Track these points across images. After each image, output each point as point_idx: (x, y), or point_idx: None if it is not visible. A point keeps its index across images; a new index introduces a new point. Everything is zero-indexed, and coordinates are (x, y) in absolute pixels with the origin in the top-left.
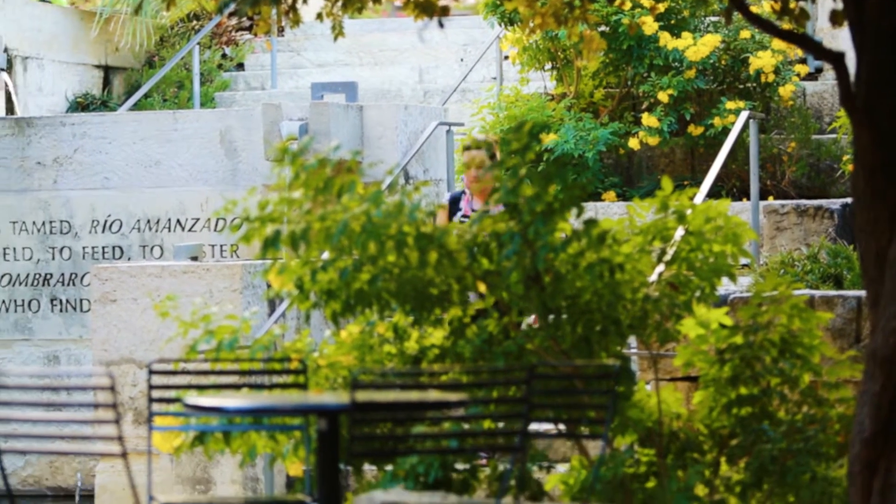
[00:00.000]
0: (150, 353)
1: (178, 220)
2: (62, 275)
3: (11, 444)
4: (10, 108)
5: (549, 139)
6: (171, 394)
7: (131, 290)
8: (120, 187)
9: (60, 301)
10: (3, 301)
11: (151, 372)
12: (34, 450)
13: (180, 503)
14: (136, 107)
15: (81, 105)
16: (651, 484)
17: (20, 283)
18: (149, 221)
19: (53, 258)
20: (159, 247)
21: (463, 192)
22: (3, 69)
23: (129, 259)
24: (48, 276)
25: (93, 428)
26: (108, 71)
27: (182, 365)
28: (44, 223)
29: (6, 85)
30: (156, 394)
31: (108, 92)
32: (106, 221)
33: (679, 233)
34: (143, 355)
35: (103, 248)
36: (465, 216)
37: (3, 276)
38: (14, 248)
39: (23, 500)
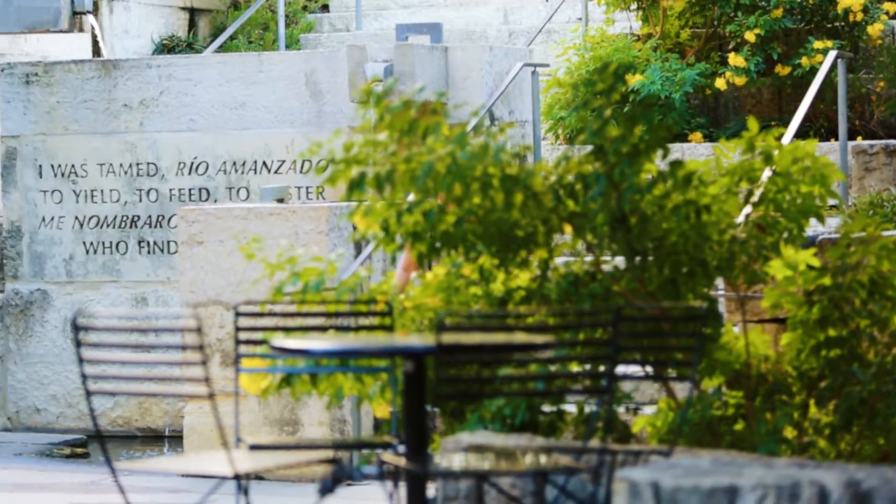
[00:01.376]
0: (237, 294)
1: (264, 162)
2: (149, 217)
3: (100, 386)
4: (96, 50)
5: (634, 80)
6: (258, 336)
7: (218, 232)
8: (206, 129)
9: (148, 243)
10: (92, 243)
11: (238, 314)
12: (123, 391)
13: (268, 444)
14: (222, 49)
15: (167, 47)
16: (739, 426)
17: (108, 226)
18: (234, 163)
19: (140, 200)
20: (245, 189)
21: None
22: (89, 11)
23: (215, 201)
24: (135, 219)
25: (181, 369)
26: (193, 13)
27: (268, 307)
28: (131, 165)
29: (92, 27)
30: (242, 336)
31: (193, 34)
32: (192, 163)
33: (766, 174)
34: (229, 297)
35: (190, 190)
36: None
37: (91, 219)
38: (101, 191)
39: (113, 440)
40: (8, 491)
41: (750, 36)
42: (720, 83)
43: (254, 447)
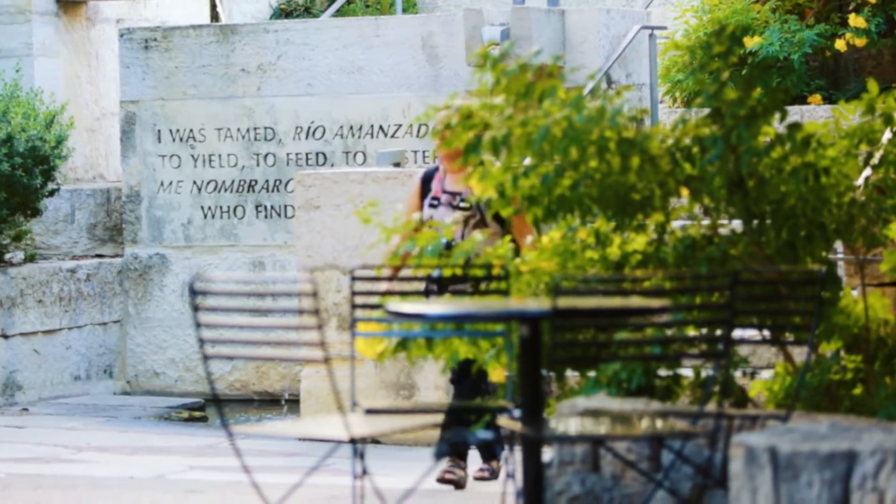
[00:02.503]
0: (353, 259)
1: (381, 127)
2: (266, 181)
3: (218, 350)
4: (214, 15)
5: (752, 42)
6: (374, 300)
7: (334, 196)
8: (323, 94)
9: (265, 207)
10: (210, 207)
11: (354, 278)
12: (240, 355)
13: (384, 408)
14: (339, 13)
15: (285, 12)
16: (858, 390)
17: (226, 190)
18: (351, 128)
19: (258, 165)
20: (362, 153)
21: (436, 170)
22: None
23: (332, 165)
24: (253, 183)
25: (297, 334)
26: None
27: (384, 271)
28: (248, 130)
29: None
30: (358, 300)
31: None
32: (309, 128)
33: (886, 136)
34: (346, 261)
35: (307, 154)
36: (434, 199)
37: (209, 183)
38: (219, 155)
39: (230, 404)
40: (127, 454)
41: None
42: (840, 44)
43: (370, 411)
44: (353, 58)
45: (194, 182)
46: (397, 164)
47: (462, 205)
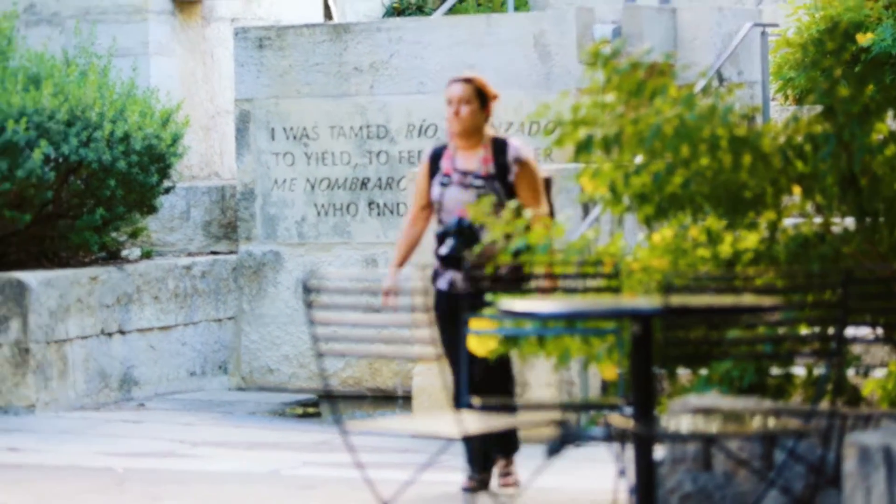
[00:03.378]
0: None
1: (492, 125)
2: (379, 179)
3: (331, 347)
4: (327, 14)
5: (865, 39)
6: (487, 297)
7: None
8: (435, 92)
9: (377, 205)
10: (323, 205)
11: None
12: (353, 352)
13: (495, 405)
14: (451, 11)
15: (397, 10)
16: None
17: (338, 187)
18: None
19: (370, 162)
20: None
21: (445, 147)
22: None
23: None
24: (365, 180)
25: (410, 331)
26: None
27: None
28: (361, 128)
29: None
30: None
31: None
32: (421, 126)
33: None
34: None
35: (419, 152)
36: (445, 177)
37: (322, 181)
38: (332, 153)
39: (343, 400)
40: (242, 449)
41: None
42: None
43: (481, 408)
44: (464, 56)
45: (307, 180)
46: None
47: (476, 183)
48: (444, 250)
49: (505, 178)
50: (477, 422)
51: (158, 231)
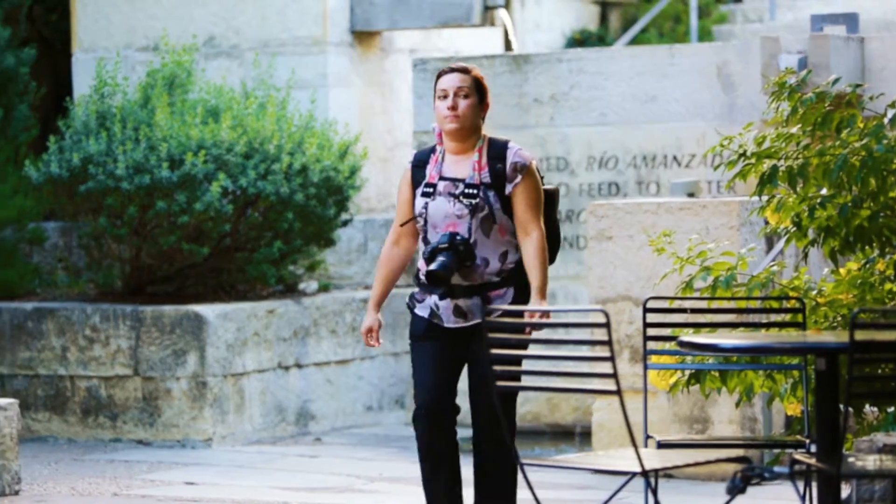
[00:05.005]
0: (646, 290)
1: (674, 156)
2: (559, 211)
3: (509, 381)
4: (507, 45)
5: None
6: (667, 331)
7: (627, 226)
8: (616, 123)
9: None
10: None
11: (647, 310)
12: (531, 387)
13: (677, 442)
14: (633, 42)
15: (578, 41)
16: None
17: None
18: (644, 158)
19: None
20: (655, 183)
21: (432, 151)
22: (501, 6)
23: (624, 196)
24: None
25: (589, 365)
26: (605, 6)
27: (677, 302)
28: (541, 160)
29: (503, 22)
30: (651, 331)
31: (604, 27)
32: (602, 158)
33: None
34: (638, 292)
35: (599, 184)
36: (429, 186)
37: None
38: None
39: (521, 436)
40: (418, 485)
41: None
42: None
43: (662, 445)
44: (646, 87)
45: None
46: (691, 195)
47: (467, 192)
48: (434, 266)
49: (502, 187)
50: (658, 458)
51: (336, 264)
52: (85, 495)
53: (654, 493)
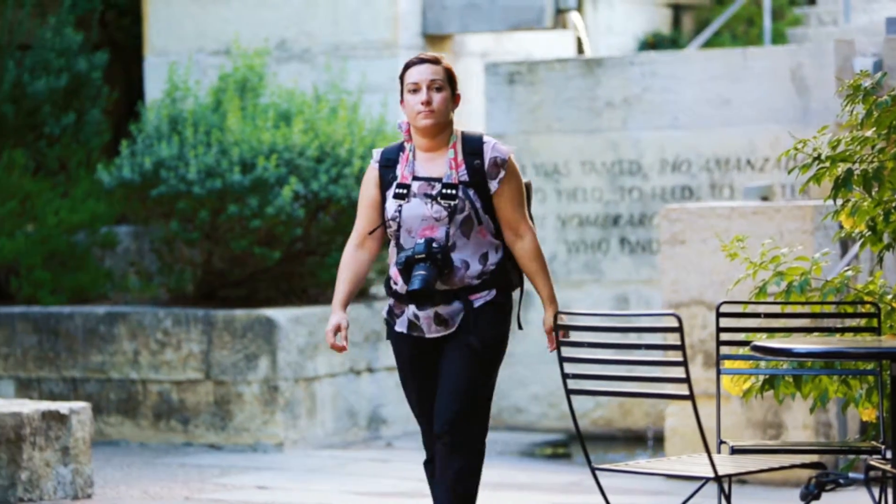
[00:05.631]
0: (719, 294)
1: (748, 160)
2: (631, 215)
3: (581, 386)
4: (579, 48)
5: None
6: (740, 336)
7: (700, 230)
8: (688, 127)
9: (629, 242)
10: (574, 242)
11: (720, 314)
12: (603, 392)
13: (750, 447)
14: (706, 45)
15: (650, 44)
16: None
17: (590, 224)
18: (717, 161)
19: (622, 199)
20: (728, 187)
21: (401, 148)
22: (573, 9)
23: (697, 199)
24: (617, 217)
25: (662, 370)
26: (677, 9)
27: (751, 307)
28: (613, 164)
29: (575, 25)
30: (724, 336)
31: (677, 30)
32: (674, 161)
33: None
34: (711, 297)
35: (672, 188)
36: (402, 186)
37: (573, 217)
38: (584, 189)
39: (593, 441)
40: (490, 489)
41: None
42: None
43: (736, 450)
44: (719, 90)
45: (558, 216)
46: (765, 199)
47: (445, 193)
48: (415, 284)
49: (482, 186)
50: (732, 464)
51: None
52: (157, 499)
53: (728, 498)
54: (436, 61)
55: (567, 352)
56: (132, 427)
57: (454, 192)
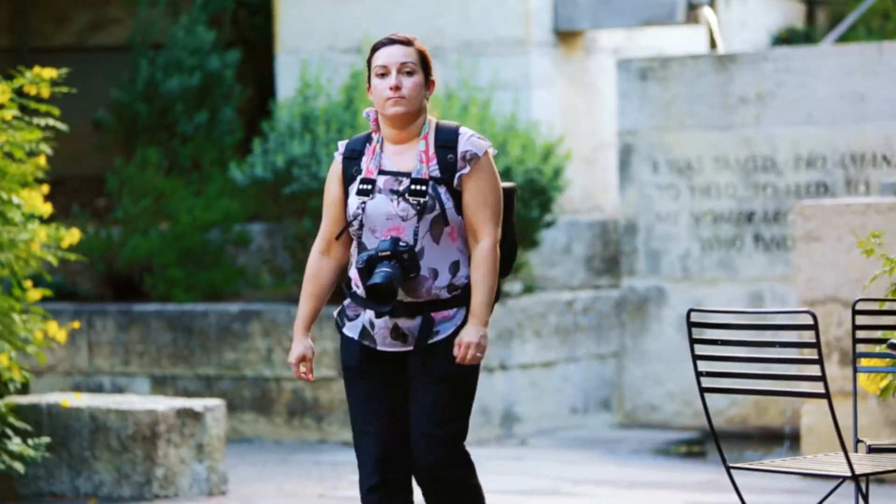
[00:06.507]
0: (855, 292)
1: (884, 156)
2: (765, 212)
3: (715, 384)
4: (712, 43)
5: None
6: (877, 334)
7: (835, 227)
8: (823, 123)
9: (764, 239)
10: (707, 239)
11: (856, 311)
12: (738, 390)
13: (888, 446)
14: (840, 40)
15: (784, 39)
16: None
17: (723, 221)
18: (853, 157)
19: (756, 195)
20: (864, 183)
21: (367, 139)
22: (706, 4)
23: (832, 196)
24: (751, 214)
25: (798, 368)
26: (812, 4)
27: (888, 304)
28: (746, 160)
29: (707, 21)
30: (860, 334)
31: (810, 25)
32: (809, 157)
33: None
34: (847, 294)
35: (806, 184)
36: (366, 182)
37: (706, 214)
38: (717, 186)
39: (728, 439)
40: (624, 488)
41: None
42: None
43: (873, 449)
44: (854, 85)
45: (691, 213)
46: None
47: (413, 189)
48: (376, 279)
49: (453, 181)
50: (869, 463)
51: (540, 265)
52: (291, 496)
53: (865, 498)
54: (408, 42)
55: (701, 349)
56: (266, 424)
57: (423, 188)
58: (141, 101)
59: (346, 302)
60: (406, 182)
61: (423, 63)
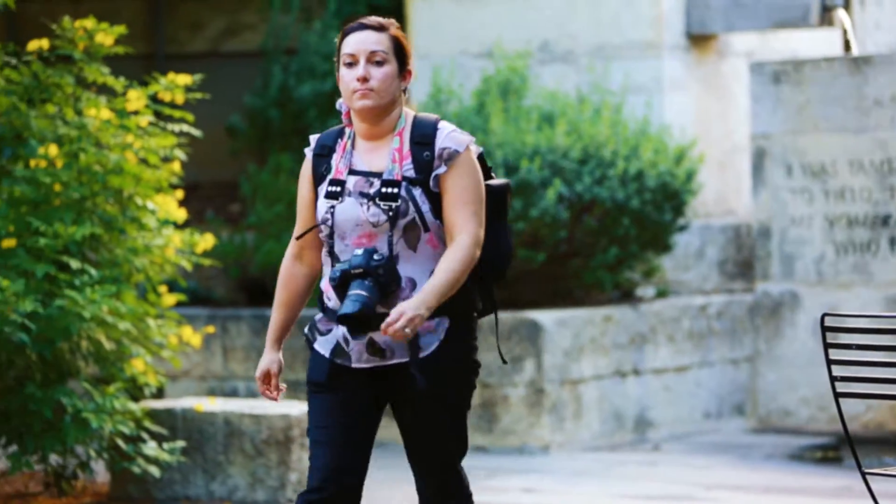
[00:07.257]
0: None
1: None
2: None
3: (850, 388)
4: (846, 46)
5: None
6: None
7: None
8: None
9: None
10: (842, 243)
11: None
12: (873, 394)
13: None
14: None
15: None
16: None
17: (858, 225)
18: None
19: (892, 198)
20: None
21: (340, 134)
22: (840, 6)
23: None
24: (887, 217)
25: None
26: None
27: None
28: (882, 163)
29: (842, 23)
30: None
31: None
32: None
33: None
34: None
35: None
36: (335, 183)
37: (841, 218)
38: (852, 189)
39: (865, 444)
40: (758, 493)
41: None
42: None
43: None
44: None
45: (825, 217)
46: None
47: (385, 191)
48: (347, 308)
49: (429, 183)
50: None
51: (673, 270)
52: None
53: None
54: (380, 27)
55: (836, 354)
56: (395, 427)
57: (395, 191)
58: (274, 107)
59: (318, 316)
60: (377, 184)
61: (399, 51)
